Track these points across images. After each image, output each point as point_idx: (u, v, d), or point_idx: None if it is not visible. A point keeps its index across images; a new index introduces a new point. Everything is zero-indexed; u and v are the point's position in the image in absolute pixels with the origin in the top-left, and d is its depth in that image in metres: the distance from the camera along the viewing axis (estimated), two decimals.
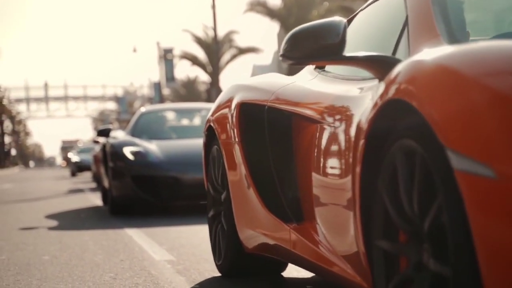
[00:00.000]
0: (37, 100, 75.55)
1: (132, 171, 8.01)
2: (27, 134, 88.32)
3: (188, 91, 54.93)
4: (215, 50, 30.33)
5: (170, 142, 8.68)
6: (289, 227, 2.95)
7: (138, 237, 5.84)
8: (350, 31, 2.89)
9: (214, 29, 28.89)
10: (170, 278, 3.80)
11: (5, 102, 57.80)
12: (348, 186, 2.29)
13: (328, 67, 3.15)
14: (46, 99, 75.19)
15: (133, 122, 9.52)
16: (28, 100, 75.18)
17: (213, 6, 28.56)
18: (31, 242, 5.78)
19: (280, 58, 2.53)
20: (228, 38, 41.04)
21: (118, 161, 8.18)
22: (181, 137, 8.98)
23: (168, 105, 11.72)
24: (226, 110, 3.55)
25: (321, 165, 2.65)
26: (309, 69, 3.36)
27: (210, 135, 3.81)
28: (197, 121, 9.87)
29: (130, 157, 8.10)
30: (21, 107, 75.34)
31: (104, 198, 10.02)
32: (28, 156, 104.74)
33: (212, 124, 3.71)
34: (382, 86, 2.01)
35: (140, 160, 8.07)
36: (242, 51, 40.91)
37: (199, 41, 41.32)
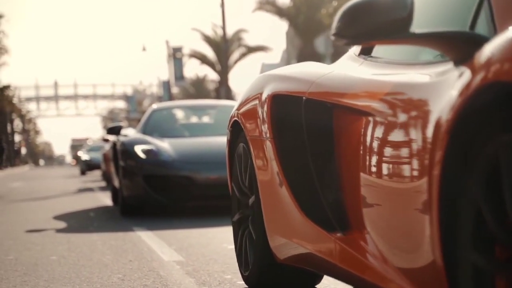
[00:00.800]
0: (47, 99, 75.80)
1: (143, 170, 7.67)
2: (37, 132, 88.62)
3: (197, 90, 54.95)
4: (224, 48, 30.28)
5: (183, 140, 8.31)
6: (333, 236, 2.52)
7: (147, 237, 5.78)
8: None
9: (223, 27, 28.84)
10: (179, 280, 3.74)
11: (15, 100, 57.96)
12: (418, 190, 1.89)
13: (377, 52, 2.72)
14: (56, 98, 75.42)
15: (144, 120, 9.18)
16: (38, 99, 75.43)
17: (222, 5, 28.50)
18: (39, 242, 5.73)
19: (332, 38, 2.14)
20: (237, 37, 41.01)
21: (129, 159, 7.83)
22: (195, 135, 8.62)
23: (181, 102, 10.93)
24: (255, 103, 3.12)
25: (377, 165, 2.22)
26: (350, 55, 2.92)
27: (236, 131, 3.39)
28: (211, 118, 9.55)
29: (142, 155, 7.75)
30: (31, 106, 75.71)
31: (114, 198, 9.83)
32: (38, 155, 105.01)
33: (238, 119, 3.28)
34: (467, 70, 1.68)
35: (152, 158, 7.72)
36: (251, 49, 40.86)
37: (208, 39, 41.31)
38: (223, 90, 31.77)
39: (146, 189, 7.57)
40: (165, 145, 7.96)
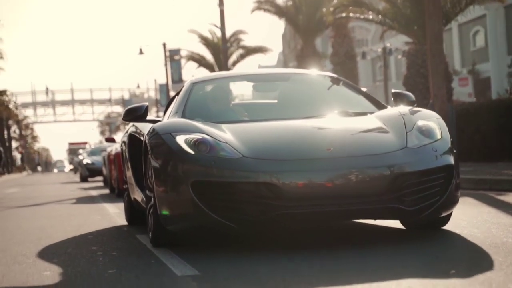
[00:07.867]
0: (44, 104, 75.26)
1: (192, 175, 4.50)
2: (34, 138, 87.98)
3: None
4: (223, 50, 29.64)
5: (248, 126, 5.09)
6: None
7: (153, 246, 5.11)
8: None
9: (222, 29, 28.21)
10: None
11: (11, 106, 57.30)
12: None
13: None
14: (52, 103, 74.85)
15: (181, 97, 5.87)
16: (35, 105, 74.90)
17: (221, 4, 27.88)
18: (32, 254, 5.08)
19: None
20: (235, 38, 40.41)
21: (168, 157, 4.69)
22: (260, 120, 5.36)
23: (233, 72, 6.99)
24: None
25: None
26: None
27: None
28: (276, 95, 6.23)
29: (189, 150, 4.60)
30: (28, 112, 75.14)
31: (132, 217, 6.92)
32: (36, 160, 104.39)
33: None
34: None
35: (207, 155, 4.55)
36: (249, 51, 40.24)
37: (205, 41, 40.67)
38: None
39: (198, 205, 4.45)
40: (224, 134, 4.82)
